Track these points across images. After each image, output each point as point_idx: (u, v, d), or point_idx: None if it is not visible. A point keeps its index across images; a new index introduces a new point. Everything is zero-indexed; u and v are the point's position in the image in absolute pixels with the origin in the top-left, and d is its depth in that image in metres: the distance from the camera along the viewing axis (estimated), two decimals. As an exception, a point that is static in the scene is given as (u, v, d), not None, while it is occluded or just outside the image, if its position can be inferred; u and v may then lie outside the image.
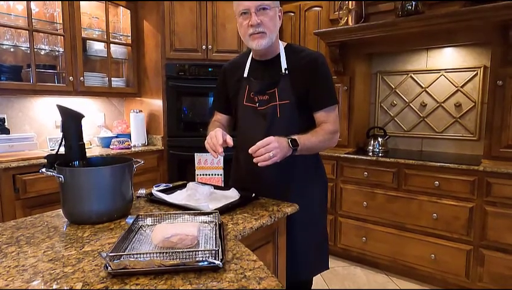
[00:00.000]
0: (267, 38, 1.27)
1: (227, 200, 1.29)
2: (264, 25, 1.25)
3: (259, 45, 1.27)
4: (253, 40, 1.28)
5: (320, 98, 1.32)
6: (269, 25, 1.26)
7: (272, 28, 1.27)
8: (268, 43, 1.29)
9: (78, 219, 1.08)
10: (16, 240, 0.96)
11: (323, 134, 1.29)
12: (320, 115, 1.32)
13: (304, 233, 1.38)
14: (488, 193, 2.12)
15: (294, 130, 1.31)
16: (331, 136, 1.32)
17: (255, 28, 1.25)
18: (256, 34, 1.26)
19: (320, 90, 1.31)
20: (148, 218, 1.03)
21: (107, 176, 1.08)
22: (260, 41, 1.27)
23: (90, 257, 0.84)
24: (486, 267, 2.16)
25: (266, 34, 1.26)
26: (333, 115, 1.33)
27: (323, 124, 1.32)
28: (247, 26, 1.27)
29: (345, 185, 2.69)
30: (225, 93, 1.48)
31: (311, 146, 1.25)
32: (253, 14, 1.24)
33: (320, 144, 1.29)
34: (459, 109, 2.70)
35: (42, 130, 2.79)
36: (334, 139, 1.34)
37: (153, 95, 3.13)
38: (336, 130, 1.34)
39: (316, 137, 1.27)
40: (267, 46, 1.29)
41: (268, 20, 1.25)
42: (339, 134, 1.37)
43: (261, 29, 1.25)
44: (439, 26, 2.28)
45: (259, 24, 1.24)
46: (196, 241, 0.87)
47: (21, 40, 2.50)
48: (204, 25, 3.03)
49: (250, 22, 1.25)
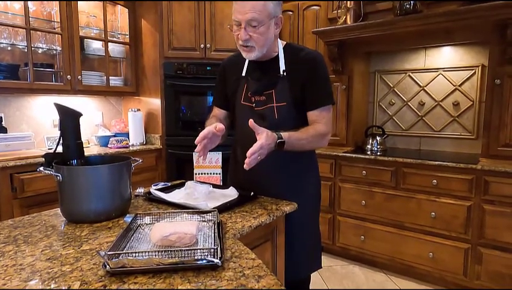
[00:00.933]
0: (256, 52, 1.26)
1: (225, 199, 1.29)
2: (253, 40, 1.23)
3: (248, 57, 1.29)
4: (243, 51, 1.29)
5: (315, 97, 1.31)
6: (259, 40, 1.23)
7: (262, 43, 1.25)
8: (258, 55, 1.28)
9: (76, 218, 1.07)
10: (14, 239, 0.95)
11: (313, 134, 1.28)
12: (313, 114, 1.31)
13: (300, 231, 1.39)
14: (486, 192, 2.13)
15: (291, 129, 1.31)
16: (321, 137, 1.31)
17: (244, 42, 1.24)
18: (246, 48, 1.26)
19: (316, 89, 1.31)
20: (147, 217, 1.03)
21: (105, 175, 1.07)
22: (249, 54, 1.28)
23: (88, 256, 0.84)
24: (484, 266, 2.16)
25: (255, 48, 1.25)
26: (327, 115, 1.32)
27: (316, 124, 1.31)
28: (237, 38, 1.27)
29: (344, 184, 2.69)
30: (224, 89, 1.48)
31: (298, 146, 1.25)
32: (243, 30, 1.22)
33: (308, 144, 1.29)
34: (457, 107, 2.71)
35: (40, 129, 2.78)
36: (323, 141, 1.33)
37: (151, 94, 3.12)
38: (328, 132, 1.32)
39: (306, 136, 1.27)
40: (257, 57, 1.29)
41: (258, 35, 1.23)
42: (329, 136, 1.35)
43: (250, 44, 1.24)
44: (437, 25, 2.28)
45: (247, 40, 1.23)
46: (195, 240, 0.86)
47: (18, 38, 2.48)
48: (202, 24, 3.02)
49: (239, 36, 1.24)
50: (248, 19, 1.20)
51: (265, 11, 1.21)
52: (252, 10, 1.19)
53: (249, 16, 1.20)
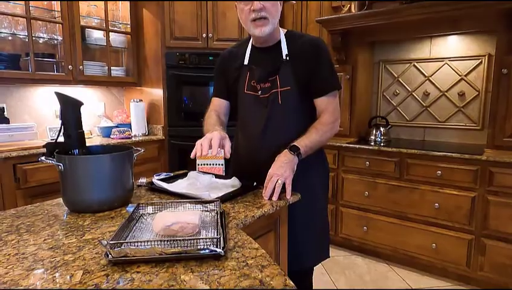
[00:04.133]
0: (269, 24, 1.24)
1: (228, 189, 1.28)
2: (267, 10, 1.22)
3: (262, 32, 1.25)
4: (256, 27, 1.25)
5: (321, 84, 1.30)
6: (272, 10, 1.23)
7: (274, 14, 1.24)
8: (271, 29, 1.26)
9: (78, 208, 1.07)
10: (16, 228, 0.95)
11: (322, 128, 1.28)
12: (322, 102, 1.30)
13: (305, 221, 1.38)
14: (491, 183, 2.11)
15: (296, 116, 1.29)
16: (331, 126, 1.30)
17: (257, 13, 1.21)
18: (259, 21, 1.23)
19: (321, 76, 1.29)
20: (149, 206, 1.02)
21: (107, 165, 1.07)
22: (263, 29, 1.24)
23: (90, 245, 0.83)
24: (488, 257, 2.16)
25: (269, 20, 1.23)
26: (334, 102, 1.31)
27: (321, 117, 1.30)
28: (248, 12, 1.23)
29: (347, 175, 2.68)
30: (224, 80, 1.46)
31: (314, 145, 1.25)
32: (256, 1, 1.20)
33: (322, 139, 1.29)
34: (463, 98, 2.67)
35: (42, 119, 2.78)
36: (334, 129, 1.33)
37: (153, 84, 3.10)
38: (336, 119, 1.32)
39: (317, 133, 1.27)
40: (269, 33, 1.26)
41: (270, 5, 1.22)
42: (339, 121, 1.35)
43: (264, 13, 1.22)
44: (443, 14, 2.23)
45: (261, 9, 1.21)
46: (197, 230, 0.86)
47: (19, 28, 2.46)
48: (204, 13, 2.98)
49: (253, 6, 1.21)
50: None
51: None
52: None
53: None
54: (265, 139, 1.34)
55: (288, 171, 1.19)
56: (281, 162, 1.20)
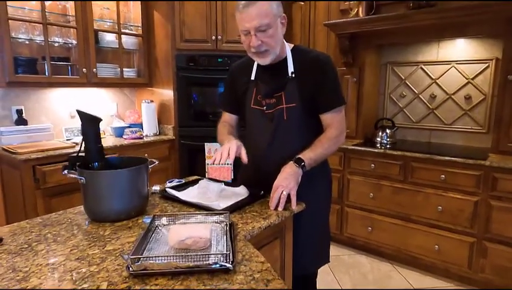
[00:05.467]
0: (270, 54, 1.29)
1: (237, 197, 1.36)
2: (266, 44, 1.26)
3: (263, 62, 1.31)
4: (258, 57, 1.31)
5: (326, 100, 1.35)
6: (270, 42, 1.26)
7: (274, 44, 1.28)
8: (273, 58, 1.31)
9: (98, 217, 1.16)
10: (44, 237, 1.04)
11: (326, 141, 1.33)
12: (327, 117, 1.36)
13: (308, 228, 1.45)
14: (494, 188, 2.15)
15: (300, 133, 1.35)
16: (336, 140, 1.36)
17: (256, 48, 1.26)
18: (260, 53, 1.29)
19: (327, 92, 1.34)
20: (164, 218, 1.11)
21: (125, 178, 1.15)
22: (265, 59, 1.30)
23: (112, 257, 0.92)
24: (489, 259, 2.21)
25: (269, 51, 1.28)
26: (339, 117, 1.37)
27: (327, 131, 1.36)
28: (248, 46, 1.28)
29: (352, 177, 2.74)
30: (233, 94, 1.52)
31: (318, 158, 1.31)
32: (253, 37, 1.24)
33: (327, 152, 1.34)
34: (469, 101, 2.69)
35: (58, 120, 2.88)
36: (339, 142, 1.38)
37: (164, 85, 3.18)
38: (341, 132, 1.37)
39: (321, 147, 1.32)
40: (272, 60, 1.32)
41: (269, 38, 1.25)
42: (344, 134, 1.40)
43: (263, 48, 1.27)
44: (451, 19, 2.25)
45: (260, 45, 1.25)
46: (209, 244, 0.94)
47: (35, 33, 2.56)
48: (214, 15, 3.03)
49: (251, 43, 1.26)
50: (256, 26, 1.23)
51: (271, 13, 1.24)
52: (258, 16, 1.22)
53: (256, 23, 1.22)
54: (272, 151, 1.40)
55: (293, 182, 1.26)
56: (286, 174, 1.27)
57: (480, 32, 2.37)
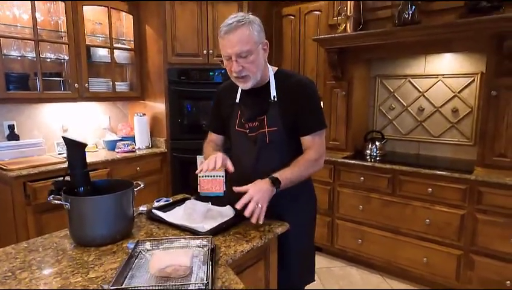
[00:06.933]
0: (251, 79, 1.32)
1: (222, 218, 1.38)
2: (247, 69, 1.29)
3: (245, 87, 1.35)
4: (239, 82, 1.35)
5: (307, 123, 1.38)
6: (251, 68, 1.29)
7: (255, 70, 1.31)
8: (254, 83, 1.34)
9: (83, 242, 1.18)
10: (29, 264, 1.06)
11: (304, 163, 1.35)
12: (307, 140, 1.39)
13: (295, 246, 1.47)
14: (479, 201, 2.18)
15: (284, 154, 1.38)
16: (314, 163, 1.38)
17: (238, 73, 1.30)
18: (241, 78, 1.32)
19: (308, 116, 1.37)
20: (147, 243, 1.13)
21: (110, 203, 1.17)
22: (246, 84, 1.34)
23: (94, 285, 0.94)
24: (476, 272, 2.24)
25: (249, 76, 1.31)
26: (319, 140, 1.39)
27: (306, 153, 1.38)
28: (230, 70, 1.32)
29: (342, 189, 2.77)
30: (219, 116, 1.55)
31: (295, 179, 1.33)
32: (235, 63, 1.28)
33: (304, 174, 1.36)
34: (456, 114, 2.74)
35: (50, 134, 2.90)
36: (317, 166, 1.40)
37: (156, 99, 3.21)
38: (320, 156, 1.40)
39: (299, 168, 1.34)
40: (253, 85, 1.35)
41: (249, 64, 1.28)
42: (323, 158, 1.43)
43: (244, 74, 1.30)
44: (436, 36, 2.30)
45: (241, 71, 1.29)
46: (189, 272, 0.96)
47: (27, 49, 2.58)
48: (205, 29, 3.07)
49: (232, 68, 1.29)
50: (237, 52, 1.26)
51: (252, 40, 1.27)
52: (240, 43, 1.25)
53: (237, 49, 1.26)
54: (256, 172, 1.42)
55: (266, 199, 1.25)
56: (261, 188, 1.25)
57: (465, 48, 2.42)
